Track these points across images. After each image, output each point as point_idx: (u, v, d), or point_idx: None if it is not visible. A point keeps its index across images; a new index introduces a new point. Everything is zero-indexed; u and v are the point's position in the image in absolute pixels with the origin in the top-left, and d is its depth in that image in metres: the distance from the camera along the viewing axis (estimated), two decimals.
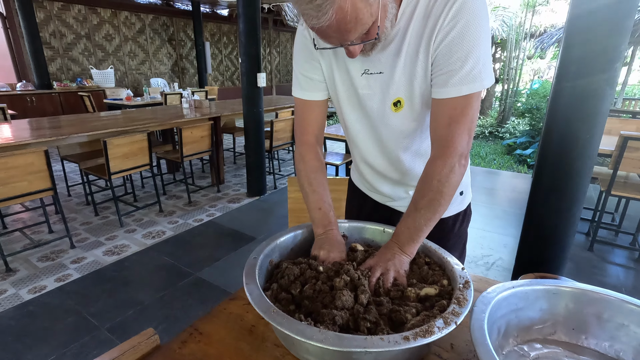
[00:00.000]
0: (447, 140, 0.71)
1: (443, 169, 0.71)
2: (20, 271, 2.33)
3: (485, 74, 0.69)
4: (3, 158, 2.18)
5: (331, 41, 0.65)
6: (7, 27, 6.24)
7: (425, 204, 0.73)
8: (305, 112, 0.90)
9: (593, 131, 1.47)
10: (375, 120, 0.85)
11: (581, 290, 0.72)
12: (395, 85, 0.77)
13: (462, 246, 1.09)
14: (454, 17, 0.66)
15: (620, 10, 1.35)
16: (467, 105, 0.70)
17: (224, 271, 2.38)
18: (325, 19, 0.56)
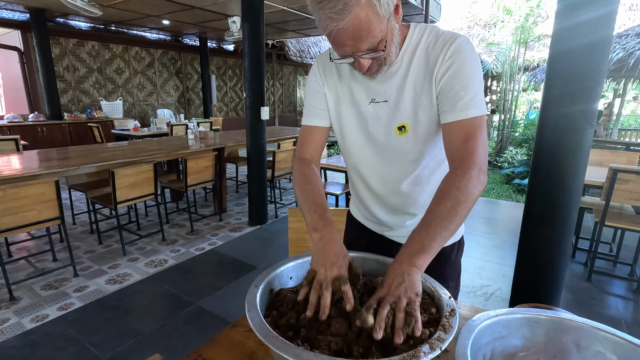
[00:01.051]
0: (466, 153, 0.75)
1: (463, 179, 0.72)
2: (23, 299, 2.36)
3: (483, 103, 0.79)
4: (16, 188, 2.28)
5: (345, 50, 0.74)
6: (24, 62, 6.56)
7: (442, 213, 0.70)
8: (306, 136, 0.99)
9: (577, 165, 1.55)
10: (381, 144, 0.92)
11: (559, 319, 0.77)
12: (401, 112, 0.86)
13: (457, 276, 1.10)
14: (452, 55, 0.78)
15: (595, 55, 1.47)
16: (478, 125, 0.77)
17: (225, 300, 2.40)
18: (343, 23, 0.67)
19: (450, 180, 0.74)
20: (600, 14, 1.42)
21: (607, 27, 1.45)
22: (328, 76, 0.95)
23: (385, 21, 0.72)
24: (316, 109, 0.98)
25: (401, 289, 0.65)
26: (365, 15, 0.68)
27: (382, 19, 0.71)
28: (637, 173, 2.37)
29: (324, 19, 0.68)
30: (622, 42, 4.89)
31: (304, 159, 0.97)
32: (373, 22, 0.70)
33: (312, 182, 0.91)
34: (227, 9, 5.73)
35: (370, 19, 0.69)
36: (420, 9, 5.62)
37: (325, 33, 0.72)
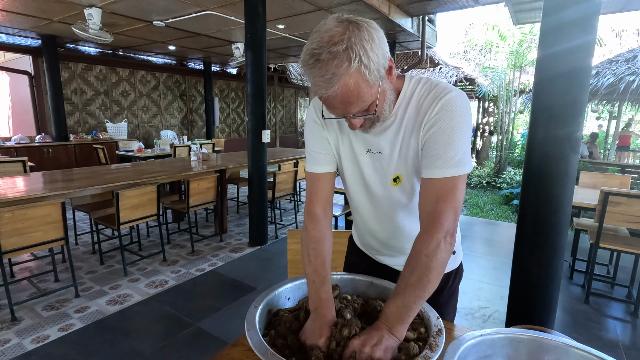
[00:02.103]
0: (434, 216, 0.77)
1: (430, 244, 0.75)
2: (24, 320, 2.38)
3: (465, 161, 0.79)
4: (23, 209, 2.34)
5: (336, 112, 0.76)
6: (34, 85, 6.77)
7: (414, 281, 0.74)
8: (313, 185, 0.97)
9: (564, 189, 1.62)
10: (377, 192, 0.94)
11: (540, 339, 0.81)
12: (394, 164, 0.89)
13: (455, 302, 1.12)
14: (439, 111, 0.79)
15: (575, 87, 1.56)
16: (453, 186, 0.78)
17: (224, 321, 2.41)
18: (332, 90, 0.68)
19: (419, 246, 0.77)
20: (579, 44, 1.52)
21: (585, 59, 1.55)
22: (327, 121, 0.95)
23: (376, 86, 0.73)
24: (320, 155, 0.96)
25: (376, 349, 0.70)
26: (355, 83, 0.69)
27: (372, 85, 0.72)
28: (628, 196, 2.43)
29: (314, 85, 0.71)
30: (612, 68, 5.05)
31: (313, 213, 0.95)
32: (362, 89, 0.71)
33: (317, 246, 0.92)
34: (231, 35, 5.96)
35: (359, 86, 0.70)
36: (416, 36, 5.84)
37: (313, 92, 0.74)
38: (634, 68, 4.83)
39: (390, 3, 4.69)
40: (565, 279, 3.13)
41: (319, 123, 0.96)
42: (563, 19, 1.53)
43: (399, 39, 6.11)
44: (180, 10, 4.58)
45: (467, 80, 9.10)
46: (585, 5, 1.48)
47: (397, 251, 1.04)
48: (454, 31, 33.14)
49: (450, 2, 4.69)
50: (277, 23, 5.17)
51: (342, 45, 0.66)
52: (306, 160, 1.01)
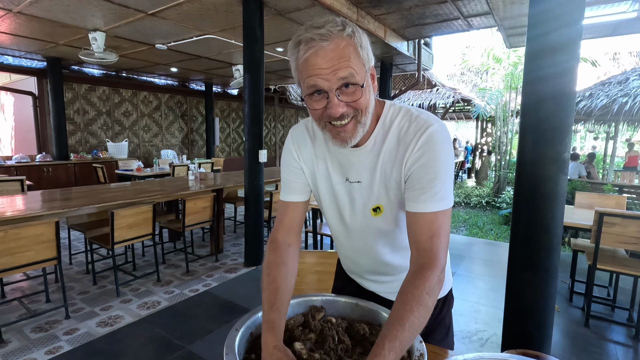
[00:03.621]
0: (432, 253, 0.76)
1: (431, 282, 0.73)
2: (12, 342, 2.34)
3: (449, 195, 0.79)
4: (16, 229, 2.34)
5: (320, 80, 0.71)
6: (37, 106, 6.90)
7: (414, 320, 0.69)
8: (282, 213, 0.96)
9: (554, 210, 1.62)
10: (357, 221, 0.93)
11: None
12: (374, 194, 0.88)
13: (446, 329, 1.08)
14: (422, 145, 0.78)
15: (560, 108, 1.59)
16: (443, 221, 0.78)
17: (215, 344, 2.36)
18: (325, 43, 0.69)
19: (419, 283, 0.72)
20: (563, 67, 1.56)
21: (570, 82, 1.58)
22: (303, 151, 0.94)
23: (363, 69, 0.74)
24: (293, 183, 0.96)
25: None
26: (346, 46, 0.71)
27: (361, 63, 0.73)
28: (622, 216, 2.42)
29: (306, 42, 0.70)
30: (605, 90, 5.14)
31: (275, 240, 0.93)
32: (352, 56, 0.71)
33: (272, 272, 0.86)
34: (231, 58, 6.11)
35: (350, 52, 0.71)
36: (412, 59, 5.98)
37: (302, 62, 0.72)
38: (626, 90, 4.91)
39: (386, 27, 4.83)
40: (565, 302, 3.07)
41: (294, 153, 0.96)
42: (547, 43, 1.57)
43: (395, 61, 6.25)
44: (182, 34, 4.72)
45: (464, 101, 9.25)
46: (568, 30, 1.53)
47: (380, 278, 1.03)
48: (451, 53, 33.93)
49: (444, 27, 4.83)
50: (276, 46, 5.31)
51: (338, 19, 0.73)
52: (281, 189, 0.99)
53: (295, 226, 0.96)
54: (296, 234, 0.96)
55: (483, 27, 4.91)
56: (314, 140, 0.94)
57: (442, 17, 4.42)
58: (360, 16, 4.21)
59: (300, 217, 0.97)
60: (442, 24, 4.68)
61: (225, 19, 4.07)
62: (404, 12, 4.26)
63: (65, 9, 3.79)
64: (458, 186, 9.81)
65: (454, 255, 4.30)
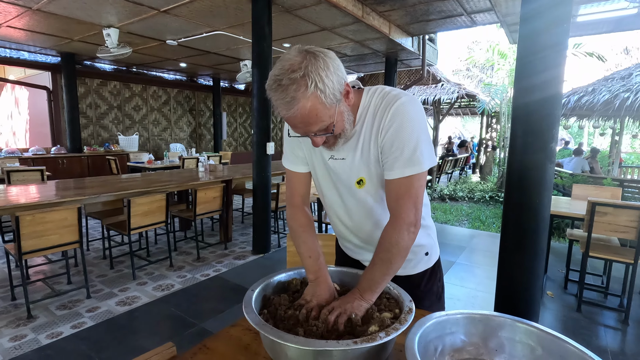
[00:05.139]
0: (396, 211, 0.90)
1: (393, 235, 0.88)
2: (39, 318, 2.53)
3: (422, 159, 0.87)
4: (42, 213, 2.52)
5: (298, 130, 0.84)
6: (51, 100, 7.11)
7: (379, 261, 0.90)
8: (292, 180, 1.10)
9: (542, 196, 1.75)
10: (345, 193, 1.04)
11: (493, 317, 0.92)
12: (356, 168, 0.98)
13: (435, 297, 1.21)
14: (391, 118, 0.88)
15: (548, 101, 1.71)
16: (410, 184, 0.88)
17: (227, 322, 2.53)
18: (292, 112, 0.77)
19: (385, 234, 0.91)
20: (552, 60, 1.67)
21: (556, 77, 1.70)
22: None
23: (333, 108, 0.82)
24: (297, 157, 1.08)
25: (348, 306, 0.87)
26: (312, 105, 0.78)
27: (328, 107, 0.80)
28: (614, 206, 2.54)
29: (276, 107, 0.80)
30: (608, 85, 5.19)
31: (295, 205, 1.08)
32: (319, 110, 0.79)
33: (306, 229, 1.05)
34: (239, 53, 6.25)
35: (316, 108, 0.78)
36: (417, 54, 6.07)
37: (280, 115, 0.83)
38: (629, 85, 4.97)
39: (391, 24, 4.93)
40: (559, 289, 3.20)
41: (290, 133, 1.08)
42: (536, 40, 1.69)
43: (400, 57, 6.34)
44: (192, 31, 4.87)
45: (469, 97, 9.29)
46: (556, 28, 1.65)
47: (370, 247, 1.15)
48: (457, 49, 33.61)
49: (448, 23, 4.92)
50: (283, 42, 5.43)
51: (299, 72, 0.75)
52: (283, 157, 1.12)
53: (307, 191, 1.12)
54: (309, 196, 1.13)
55: (487, 23, 5.00)
56: None
57: (445, 13, 4.51)
58: (365, 13, 4.32)
59: (308, 183, 1.12)
60: (445, 20, 4.77)
61: (234, 15, 4.20)
62: (408, 9, 4.36)
63: (82, 6, 3.96)
64: (462, 181, 9.89)
65: (454, 245, 4.42)
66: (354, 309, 0.86)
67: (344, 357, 0.81)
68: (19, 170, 4.13)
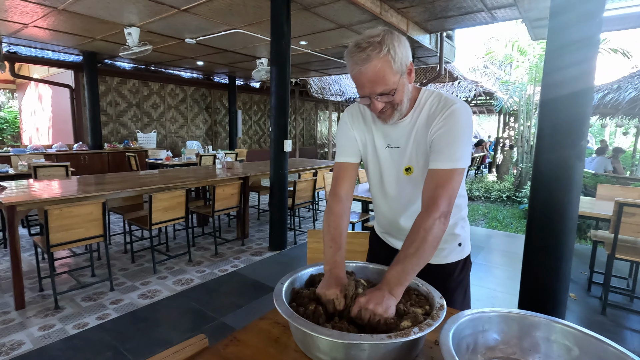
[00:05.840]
0: (432, 199, 0.94)
1: (427, 222, 0.91)
2: (66, 309, 2.61)
3: (463, 158, 0.97)
4: (70, 207, 2.60)
5: (364, 90, 0.96)
6: (73, 98, 7.30)
7: (412, 251, 0.89)
8: (340, 172, 1.17)
9: (570, 196, 1.70)
10: (391, 180, 1.14)
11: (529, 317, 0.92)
12: (407, 156, 1.09)
13: (464, 291, 1.25)
14: (445, 118, 1.00)
15: (578, 97, 1.67)
16: (449, 177, 0.95)
17: (246, 317, 2.57)
18: (364, 68, 0.91)
19: (418, 222, 0.93)
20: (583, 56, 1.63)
21: (588, 73, 1.66)
22: (356, 123, 1.18)
23: (397, 76, 0.95)
24: (347, 148, 1.18)
25: (377, 307, 0.85)
26: (382, 66, 0.92)
27: (395, 73, 0.94)
28: None
29: (352, 65, 0.94)
30: (635, 82, 5.02)
31: (338, 195, 1.15)
32: (387, 73, 0.93)
33: (336, 219, 1.10)
34: (256, 51, 6.29)
35: (385, 70, 0.92)
36: (434, 52, 6.00)
37: (352, 75, 0.96)
38: None
39: (409, 21, 4.88)
40: (583, 291, 3.12)
41: (349, 125, 1.19)
42: (567, 35, 1.65)
43: (417, 54, 6.27)
44: (211, 29, 4.92)
45: (486, 94, 9.13)
46: (587, 22, 1.60)
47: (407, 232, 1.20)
48: (474, 46, 33.00)
49: (467, 19, 4.84)
50: (300, 40, 5.44)
51: (377, 38, 0.92)
52: (336, 154, 1.22)
53: (352, 183, 1.18)
54: (352, 189, 1.18)
55: (507, 19, 4.89)
56: (364, 117, 1.17)
57: (465, 9, 4.44)
58: (383, 10, 4.29)
59: (354, 175, 1.19)
60: (465, 16, 4.69)
61: (253, 14, 4.23)
62: (427, 5, 4.31)
63: (106, 6, 4.04)
64: (478, 180, 9.74)
65: (472, 245, 4.35)
66: (385, 313, 0.85)
67: (375, 351, 0.81)
68: (45, 166, 4.26)
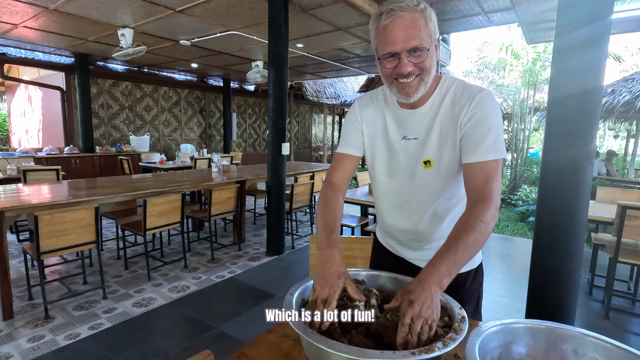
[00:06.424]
0: (486, 192, 0.86)
1: (486, 214, 0.83)
2: (57, 318, 2.51)
3: (502, 147, 0.91)
4: (61, 213, 2.50)
5: (395, 45, 0.87)
6: (64, 100, 7.16)
7: (469, 242, 0.80)
8: (339, 162, 1.11)
9: (579, 199, 1.67)
10: (407, 175, 1.04)
11: (557, 329, 0.86)
12: (427, 149, 0.99)
13: (475, 302, 1.16)
14: (476, 105, 0.92)
15: (588, 99, 1.64)
16: (496, 167, 0.89)
17: (245, 326, 2.49)
18: (403, 14, 0.85)
19: (474, 213, 0.84)
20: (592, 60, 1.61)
21: (598, 73, 1.63)
22: (365, 113, 1.09)
23: (430, 40, 0.88)
24: (351, 140, 1.10)
25: (429, 312, 0.76)
26: (419, 18, 0.86)
27: (430, 34, 0.88)
28: None
29: (385, 16, 0.86)
30: (628, 86, 5.07)
31: (332, 182, 1.09)
32: (423, 27, 0.86)
33: (330, 204, 1.03)
34: (251, 54, 6.23)
35: (422, 23, 0.86)
36: None
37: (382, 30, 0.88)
38: None
39: None
40: (584, 295, 3.10)
41: (357, 115, 1.11)
42: (575, 38, 1.62)
43: None
44: (206, 31, 4.85)
45: None
46: (597, 25, 1.58)
47: (419, 241, 1.10)
48: (467, 49, 33.38)
49: (464, 23, 4.85)
50: (296, 42, 5.40)
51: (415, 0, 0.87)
52: (339, 143, 1.15)
53: (348, 175, 1.12)
54: (347, 182, 1.12)
55: (503, 23, 4.90)
56: (376, 106, 1.09)
57: (462, 12, 4.43)
58: None
59: (353, 168, 1.12)
60: (461, 19, 4.70)
61: (249, 15, 4.17)
62: None
63: (99, 6, 3.96)
64: None
65: None
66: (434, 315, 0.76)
67: None
68: (35, 170, 4.14)
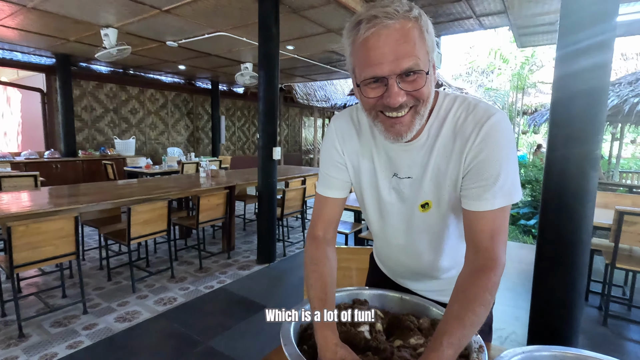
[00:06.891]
0: (493, 253, 0.73)
1: (493, 281, 0.71)
2: (32, 337, 2.34)
3: (514, 190, 0.74)
4: (37, 223, 2.34)
5: (382, 67, 0.65)
6: (45, 102, 6.89)
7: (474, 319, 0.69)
8: (321, 209, 0.93)
9: (585, 207, 1.62)
10: (402, 219, 0.89)
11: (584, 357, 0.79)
12: (424, 190, 0.82)
13: (488, 327, 1.06)
14: (484, 139, 0.73)
15: (593, 103, 1.59)
16: (504, 218, 0.74)
17: (235, 341, 2.36)
18: (390, 23, 0.63)
19: (481, 284, 0.71)
20: (597, 61, 1.56)
21: (603, 77, 1.58)
22: (348, 143, 0.88)
23: (427, 57, 0.68)
24: (333, 179, 0.91)
25: None
26: (412, 28, 0.65)
27: (427, 51, 0.68)
28: None
29: (368, 20, 0.64)
30: (616, 90, 5.13)
31: (316, 237, 0.91)
32: (418, 43, 0.65)
33: (319, 268, 0.87)
34: (240, 55, 6.11)
35: (416, 36, 0.65)
36: None
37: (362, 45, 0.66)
38: (638, 90, 4.91)
39: None
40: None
41: (338, 150, 0.90)
42: (581, 39, 1.57)
43: None
44: (194, 32, 4.71)
45: None
46: (602, 26, 1.53)
47: (422, 276, 1.00)
48: (456, 53, 33.89)
49: (456, 26, 4.83)
50: (287, 44, 5.30)
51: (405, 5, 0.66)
52: (318, 180, 0.97)
53: (334, 222, 0.95)
54: (334, 228, 0.95)
55: (494, 27, 4.90)
56: (359, 133, 0.88)
57: (454, 16, 4.41)
58: None
59: (338, 213, 0.95)
60: (453, 23, 4.67)
61: (239, 16, 4.06)
62: None
63: (80, 4, 3.79)
64: None
65: None
66: None
67: None
68: (11, 176, 3.92)
